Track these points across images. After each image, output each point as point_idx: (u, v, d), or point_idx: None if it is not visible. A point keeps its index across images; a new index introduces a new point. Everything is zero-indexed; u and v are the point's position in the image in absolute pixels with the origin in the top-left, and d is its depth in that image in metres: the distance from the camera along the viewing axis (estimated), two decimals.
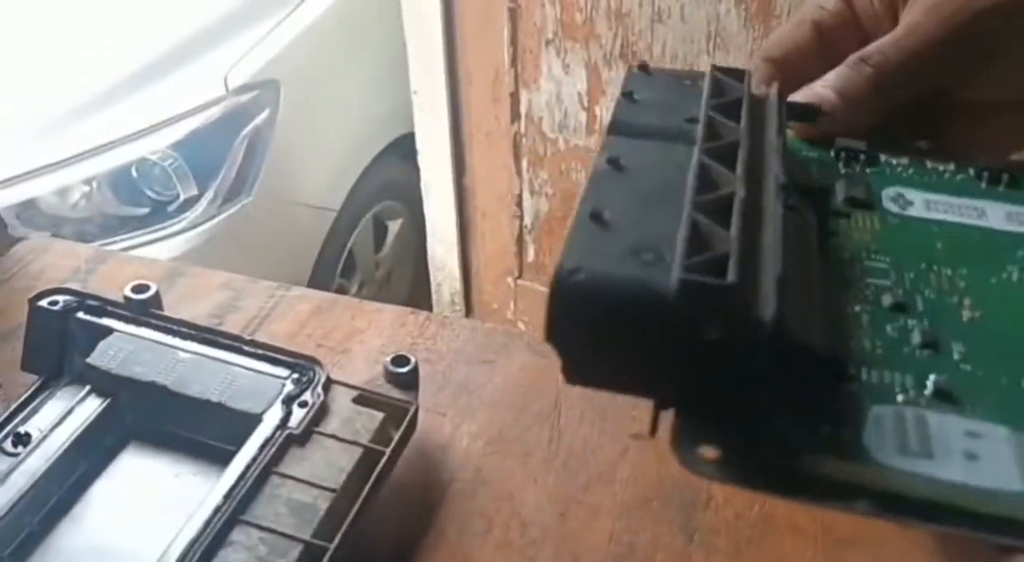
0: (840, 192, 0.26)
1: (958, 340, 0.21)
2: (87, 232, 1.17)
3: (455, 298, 1.49)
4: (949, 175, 0.27)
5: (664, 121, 0.25)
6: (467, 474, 0.38)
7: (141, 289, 0.39)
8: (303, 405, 0.35)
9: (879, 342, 0.21)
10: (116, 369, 0.37)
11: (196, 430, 0.37)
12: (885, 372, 0.20)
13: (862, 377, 0.20)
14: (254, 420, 0.35)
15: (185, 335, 0.38)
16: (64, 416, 0.36)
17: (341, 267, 1.45)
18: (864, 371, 0.20)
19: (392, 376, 0.37)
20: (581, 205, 0.20)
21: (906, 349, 0.21)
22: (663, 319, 0.18)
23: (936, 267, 0.24)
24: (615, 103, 0.26)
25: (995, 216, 0.26)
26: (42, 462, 0.35)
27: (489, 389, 0.42)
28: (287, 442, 0.34)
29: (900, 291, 0.23)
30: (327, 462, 0.34)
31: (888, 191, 0.27)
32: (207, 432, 0.36)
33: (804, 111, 0.28)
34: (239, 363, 0.37)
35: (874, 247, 0.24)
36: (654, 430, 0.19)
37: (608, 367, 0.19)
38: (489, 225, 1.39)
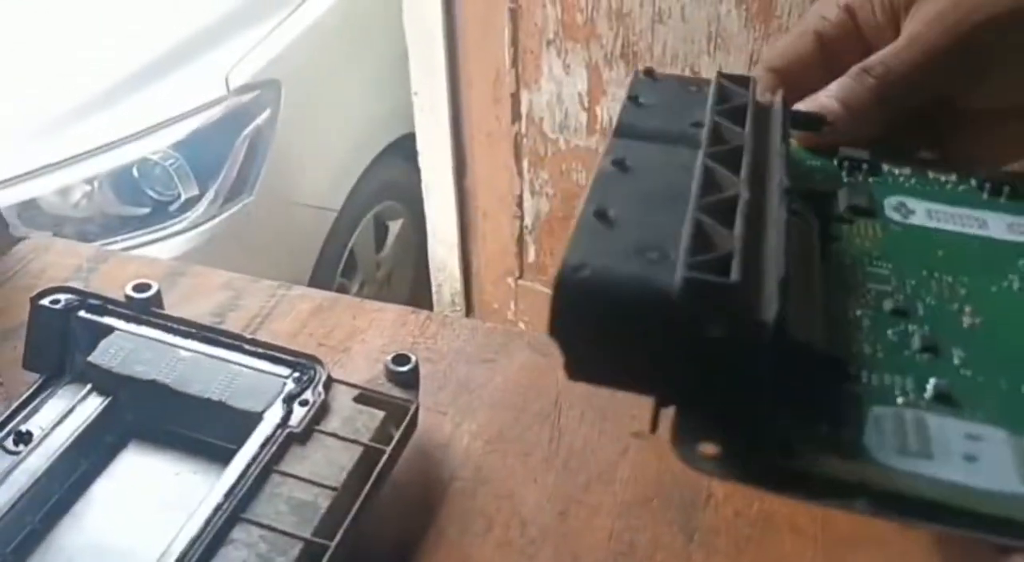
0: (843, 200, 0.26)
1: (958, 346, 0.21)
2: (88, 232, 1.17)
3: (456, 298, 1.49)
4: (951, 186, 0.27)
5: (669, 125, 0.25)
6: (467, 473, 0.38)
7: (142, 288, 0.39)
8: (304, 404, 0.35)
9: (879, 345, 0.21)
10: (117, 368, 0.37)
11: (197, 429, 0.37)
12: (885, 375, 0.20)
13: (862, 379, 0.20)
14: (255, 419, 0.35)
15: (186, 334, 0.38)
16: (65, 414, 0.36)
17: (342, 267, 1.45)
18: (864, 373, 0.20)
19: (393, 375, 0.37)
20: (586, 204, 0.21)
21: (906, 353, 0.21)
22: (666, 317, 0.18)
23: (937, 274, 0.24)
24: (621, 107, 0.26)
25: (996, 226, 0.26)
26: (43, 460, 0.35)
27: (489, 388, 0.42)
28: (288, 441, 0.34)
29: (901, 297, 0.23)
30: (328, 461, 0.34)
31: (890, 200, 0.27)
32: (208, 431, 0.36)
33: (808, 121, 0.28)
34: (240, 362, 0.37)
35: (876, 254, 0.24)
36: (654, 427, 0.19)
37: (610, 364, 0.19)
38: (490, 225, 1.39)
